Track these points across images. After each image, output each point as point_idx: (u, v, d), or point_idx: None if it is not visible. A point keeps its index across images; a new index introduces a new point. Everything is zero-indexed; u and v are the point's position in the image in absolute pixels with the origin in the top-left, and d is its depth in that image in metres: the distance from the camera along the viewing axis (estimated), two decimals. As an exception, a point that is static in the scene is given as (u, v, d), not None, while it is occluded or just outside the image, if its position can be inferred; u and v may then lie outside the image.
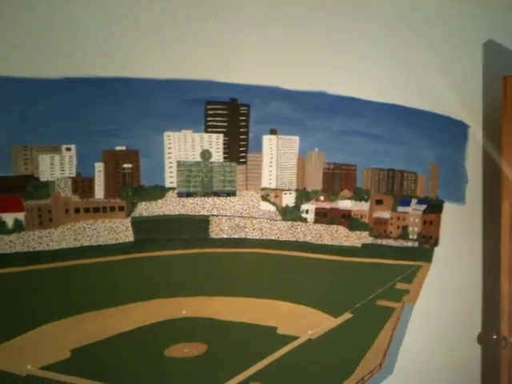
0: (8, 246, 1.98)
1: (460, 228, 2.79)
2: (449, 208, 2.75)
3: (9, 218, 1.98)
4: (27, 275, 2.01)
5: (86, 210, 2.10)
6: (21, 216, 2.00)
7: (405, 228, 2.66)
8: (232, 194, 2.34)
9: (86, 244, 2.10)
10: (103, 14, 2.03)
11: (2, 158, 1.94)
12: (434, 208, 2.70)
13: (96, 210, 2.11)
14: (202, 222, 2.30)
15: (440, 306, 2.79)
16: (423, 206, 2.67)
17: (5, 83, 1.89)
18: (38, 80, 1.93)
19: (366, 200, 2.57)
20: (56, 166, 2.04)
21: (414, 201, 2.67)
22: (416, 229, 2.67)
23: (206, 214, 2.30)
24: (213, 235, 2.31)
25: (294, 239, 2.45)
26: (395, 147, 2.59)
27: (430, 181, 2.68)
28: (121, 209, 2.15)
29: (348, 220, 2.54)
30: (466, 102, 2.72)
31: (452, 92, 2.67)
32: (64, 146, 2.04)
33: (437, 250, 2.74)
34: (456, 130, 2.74)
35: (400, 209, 2.65)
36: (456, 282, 2.81)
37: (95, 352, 2.09)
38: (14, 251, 1.99)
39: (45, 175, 2.03)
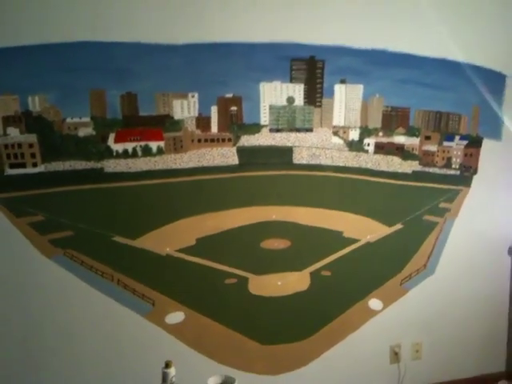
0: (153, 165, 2.82)
1: (497, 160, 3.37)
2: (488, 144, 3.33)
3: (153, 145, 2.81)
4: (166, 185, 2.84)
5: (205, 141, 2.89)
6: (161, 144, 2.82)
7: (449, 159, 3.26)
8: (310, 130, 3.04)
9: (205, 165, 2.89)
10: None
11: (148, 101, 2.73)
12: (474, 143, 3.28)
13: (212, 140, 2.90)
14: (288, 151, 3.01)
15: (476, 223, 3.41)
16: (465, 142, 3.26)
17: (146, 48, 2.61)
18: (169, 45, 2.65)
19: (417, 136, 3.19)
20: (184, 108, 2.82)
21: (457, 137, 3.25)
22: (458, 160, 3.28)
23: (290, 145, 3.02)
24: (295, 161, 3.03)
25: (357, 166, 3.13)
26: (444, 93, 3.15)
27: (472, 120, 3.25)
28: (229, 140, 2.92)
29: (401, 152, 3.19)
30: (505, 57, 3.27)
31: (494, 48, 3.22)
32: (190, 94, 2.80)
33: (476, 177, 3.35)
34: (496, 80, 3.27)
35: (445, 143, 3.24)
36: (491, 204, 3.42)
37: (213, 241, 2.92)
38: (158, 168, 2.82)
39: (177, 115, 2.81)
